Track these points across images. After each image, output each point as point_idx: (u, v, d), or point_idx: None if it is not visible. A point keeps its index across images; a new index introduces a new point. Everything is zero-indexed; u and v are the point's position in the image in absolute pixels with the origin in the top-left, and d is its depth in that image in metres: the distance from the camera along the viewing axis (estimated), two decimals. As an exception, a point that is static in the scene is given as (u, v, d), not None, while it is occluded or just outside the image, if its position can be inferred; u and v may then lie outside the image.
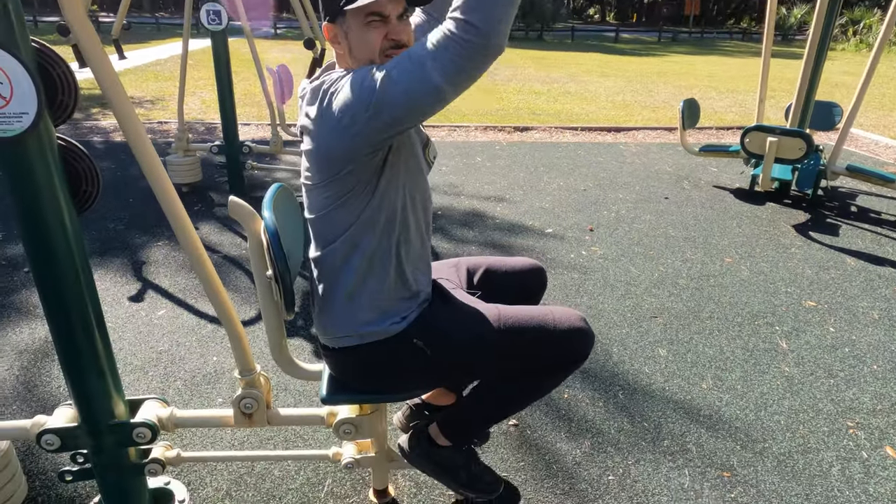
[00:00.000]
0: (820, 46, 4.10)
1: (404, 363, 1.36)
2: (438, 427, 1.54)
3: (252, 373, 1.49)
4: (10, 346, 2.38)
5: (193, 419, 1.58)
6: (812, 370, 2.38)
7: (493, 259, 1.65)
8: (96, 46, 1.17)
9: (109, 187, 4.34)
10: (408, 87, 1.05)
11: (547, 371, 1.40)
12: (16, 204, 1.23)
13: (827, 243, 3.67)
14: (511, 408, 1.49)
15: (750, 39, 28.50)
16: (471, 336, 1.36)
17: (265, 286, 1.36)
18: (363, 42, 1.21)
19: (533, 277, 1.64)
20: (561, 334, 1.36)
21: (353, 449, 1.66)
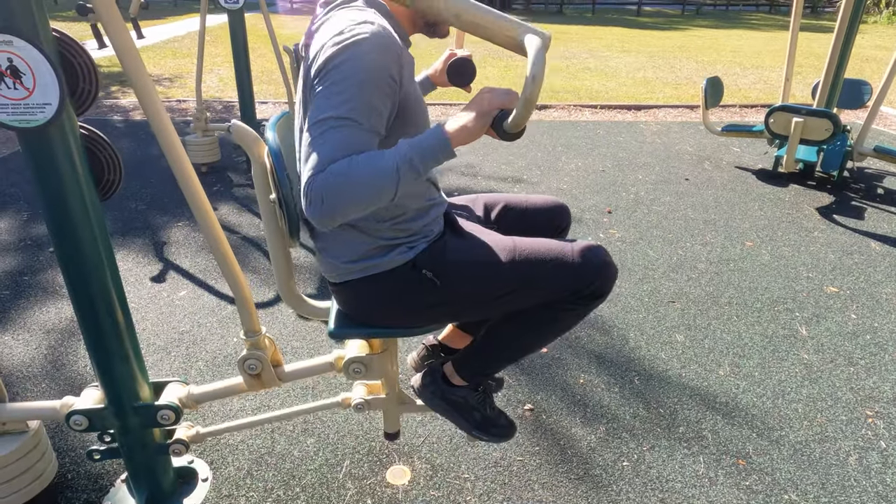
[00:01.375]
0: (851, 23, 3.96)
1: (413, 295, 1.32)
2: (454, 366, 1.49)
3: (257, 335, 1.50)
4: (38, 326, 2.44)
5: (209, 393, 1.61)
6: (832, 357, 2.35)
7: (513, 195, 1.59)
8: (119, 25, 1.16)
9: (130, 167, 4.39)
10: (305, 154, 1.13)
11: (565, 306, 1.32)
12: (40, 192, 1.25)
13: (851, 227, 3.60)
14: (529, 345, 1.43)
15: (777, 12, 27.63)
16: (483, 265, 1.30)
17: (269, 212, 1.35)
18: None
19: (556, 215, 1.57)
20: (581, 267, 1.29)
21: (364, 391, 1.63)
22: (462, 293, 1.33)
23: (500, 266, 1.30)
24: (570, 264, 1.29)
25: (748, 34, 16.92)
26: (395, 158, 1.10)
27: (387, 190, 1.10)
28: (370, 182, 1.09)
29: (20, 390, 2.07)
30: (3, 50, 1.10)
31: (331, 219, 1.11)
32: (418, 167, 1.11)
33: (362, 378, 1.54)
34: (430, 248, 1.32)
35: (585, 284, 1.29)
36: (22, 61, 1.12)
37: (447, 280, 1.30)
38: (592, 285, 1.30)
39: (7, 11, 1.09)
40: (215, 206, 3.74)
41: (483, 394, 1.52)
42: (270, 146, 1.28)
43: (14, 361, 2.22)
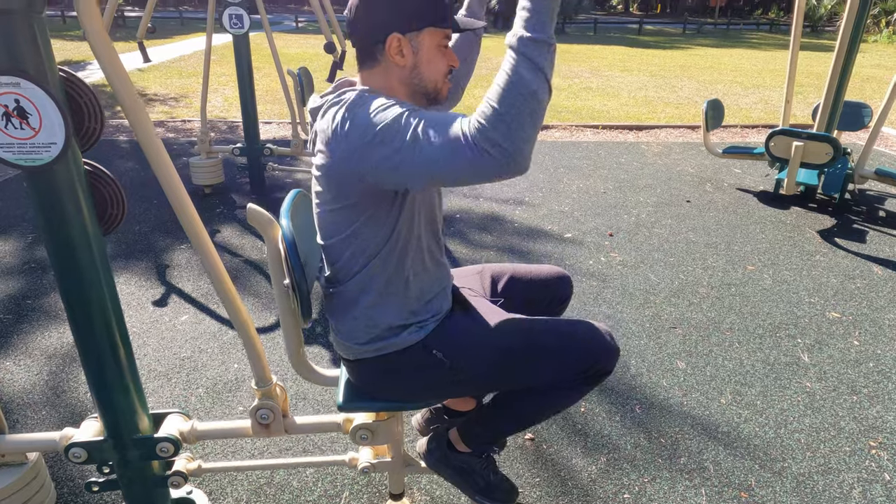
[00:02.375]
0: (851, 44, 3.98)
1: (423, 374, 1.36)
2: (458, 432, 1.55)
3: (269, 384, 1.52)
4: (40, 351, 2.45)
5: (213, 431, 1.62)
6: (835, 386, 2.34)
7: (517, 266, 1.64)
8: (110, 52, 1.17)
9: (134, 189, 4.42)
10: (434, 159, 1.02)
11: (569, 384, 1.38)
12: (44, 227, 1.26)
13: (853, 250, 3.59)
14: (532, 419, 1.47)
15: (778, 31, 27.86)
16: (491, 347, 1.35)
17: (283, 294, 1.38)
18: (434, 62, 1.22)
19: (558, 286, 1.62)
20: (585, 348, 1.34)
21: (370, 453, 1.66)
22: (470, 373, 1.37)
23: (507, 347, 1.34)
24: (575, 346, 1.34)
25: (749, 53, 17.05)
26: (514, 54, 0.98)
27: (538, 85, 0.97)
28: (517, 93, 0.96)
29: (20, 417, 2.07)
30: (9, 91, 1.12)
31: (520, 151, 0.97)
32: (541, 35, 0.97)
33: (369, 444, 1.57)
34: (439, 327, 1.36)
35: (589, 365, 1.35)
36: (28, 102, 1.14)
37: (456, 360, 1.34)
38: (596, 366, 1.35)
39: (15, 53, 1.11)
40: (217, 228, 3.76)
41: (487, 460, 1.57)
42: (284, 233, 1.31)
43: (15, 388, 2.23)
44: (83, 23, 1.13)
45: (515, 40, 0.98)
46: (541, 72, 0.98)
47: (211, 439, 1.79)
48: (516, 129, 0.97)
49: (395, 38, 1.20)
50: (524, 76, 0.97)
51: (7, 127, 1.16)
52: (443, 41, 1.24)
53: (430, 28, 1.21)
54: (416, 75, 1.23)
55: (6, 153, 1.18)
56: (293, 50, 14.75)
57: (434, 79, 1.24)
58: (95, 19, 1.13)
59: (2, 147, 1.17)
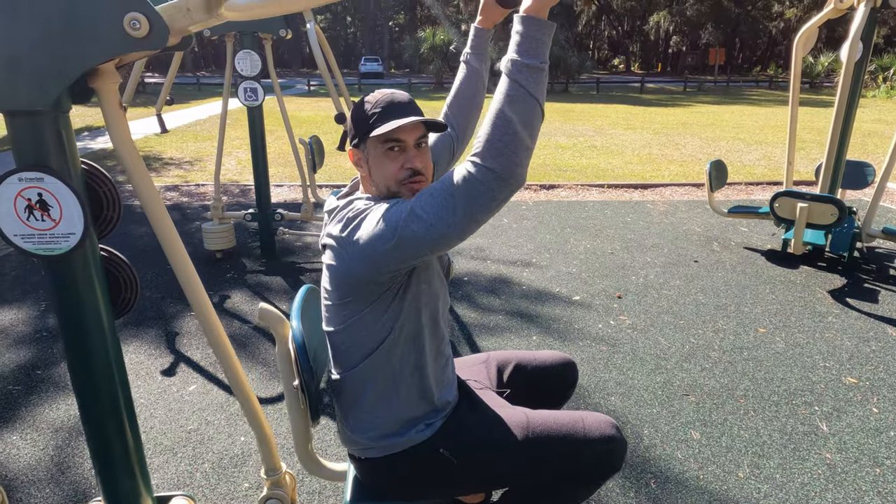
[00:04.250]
0: (850, 102, 4.06)
1: (430, 473, 1.36)
2: None
3: (278, 473, 1.51)
4: (47, 424, 2.44)
5: None
6: (856, 457, 2.27)
7: (522, 354, 1.66)
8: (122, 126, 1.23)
9: (147, 254, 4.49)
10: (431, 224, 1.08)
11: (578, 482, 1.38)
12: (58, 310, 1.29)
13: (866, 311, 3.55)
14: None
15: (777, 87, 28.51)
16: (498, 446, 1.35)
17: (292, 394, 1.39)
18: (382, 168, 1.27)
19: (564, 373, 1.64)
20: (592, 444, 1.35)
21: None
22: (477, 471, 1.37)
23: (514, 446, 1.34)
24: (582, 441, 1.35)
25: (750, 110, 17.41)
26: (506, 80, 1.04)
27: (528, 107, 1.02)
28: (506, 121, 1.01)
29: (23, 496, 2.04)
30: (33, 186, 1.17)
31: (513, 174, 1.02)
32: (533, 61, 1.02)
33: None
34: (446, 424, 1.37)
35: (598, 462, 1.35)
36: (51, 195, 1.19)
37: (463, 459, 1.35)
38: (604, 462, 1.36)
39: (40, 150, 1.16)
40: (227, 293, 3.79)
41: None
42: (294, 334, 1.34)
43: (20, 464, 2.20)
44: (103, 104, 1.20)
45: (509, 64, 1.04)
46: (532, 97, 1.02)
47: None
48: (511, 154, 1.01)
49: (350, 152, 1.34)
50: (517, 104, 1.02)
51: (29, 219, 1.20)
52: (386, 146, 1.26)
53: (369, 138, 1.27)
54: (374, 181, 1.30)
55: (27, 243, 1.21)
56: (305, 113, 15.24)
57: (387, 183, 1.28)
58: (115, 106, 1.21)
59: (23, 238, 1.21)
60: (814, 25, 4.23)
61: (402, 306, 1.27)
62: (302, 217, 4.47)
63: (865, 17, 3.84)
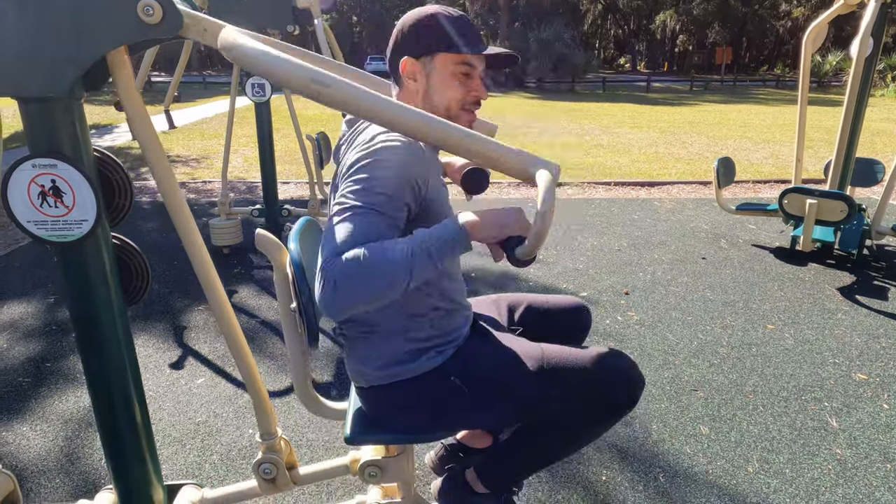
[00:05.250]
0: (859, 100, 4.04)
1: (440, 401, 1.31)
2: (475, 472, 1.47)
3: (273, 437, 1.49)
4: (56, 416, 2.45)
5: (223, 497, 1.58)
6: (867, 453, 2.25)
7: (535, 296, 1.61)
8: (146, 121, 1.24)
9: (156, 249, 4.51)
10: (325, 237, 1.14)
11: (592, 415, 1.32)
12: (70, 297, 1.29)
13: (876, 308, 3.53)
14: (553, 455, 1.41)
15: (784, 87, 28.37)
16: (511, 374, 1.30)
17: (289, 319, 1.37)
18: (447, 88, 1.25)
19: (576, 316, 1.58)
20: (608, 377, 1.30)
21: (379, 494, 1.60)
22: (488, 402, 1.32)
23: (527, 375, 1.30)
24: (597, 374, 1.30)
25: (757, 109, 17.33)
26: (410, 244, 1.10)
27: (400, 278, 1.08)
28: (383, 269, 1.06)
29: (34, 486, 2.06)
30: (47, 172, 1.18)
31: (341, 307, 1.07)
32: (434, 255, 1.10)
33: (378, 482, 1.51)
34: (457, 353, 1.33)
35: (613, 395, 1.30)
36: (64, 182, 1.19)
37: (475, 387, 1.30)
38: (619, 396, 1.31)
39: (53, 137, 1.17)
40: (235, 288, 3.80)
41: (507, 501, 1.49)
42: (293, 256, 1.33)
43: (30, 455, 2.22)
44: (120, 90, 1.20)
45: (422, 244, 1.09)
46: (409, 275, 1.07)
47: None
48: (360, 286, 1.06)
49: (406, 62, 1.27)
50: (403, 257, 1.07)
51: (42, 205, 1.21)
52: (459, 68, 1.25)
53: (443, 53, 1.25)
54: (428, 100, 1.27)
55: (40, 230, 1.22)
56: (311, 111, 15.26)
57: (446, 104, 1.26)
58: (132, 90, 1.21)
59: (37, 224, 1.22)
60: (824, 21, 4.21)
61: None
62: (309, 213, 4.48)
63: (876, 12, 3.82)
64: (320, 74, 1.01)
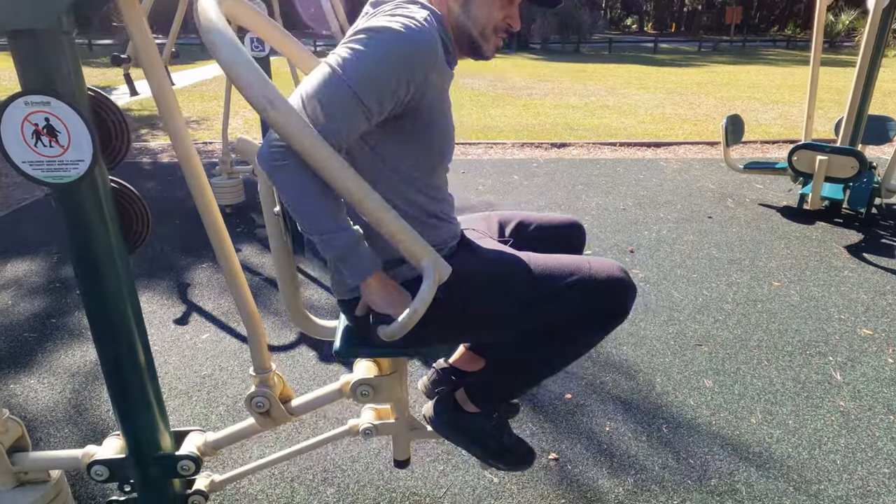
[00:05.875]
0: (873, 58, 3.94)
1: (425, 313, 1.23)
2: (466, 392, 1.43)
3: (266, 371, 1.48)
4: (63, 369, 2.47)
5: (226, 437, 1.58)
6: (870, 405, 2.26)
7: (527, 213, 1.54)
8: (161, 74, 1.21)
9: (157, 209, 4.49)
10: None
11: (582, 325, 1.27)
12: (70, 243, 1.27)
13: (883, 266, 3.50)
14: (544, 368, 1.36)
15: (795, 47, 27.73)
16: (497, 280, 1.26)
17: (274, 226, 1.35)
18: (489, 8, 1.20)
19: (571, 232, 1.52)
20: (598, 284, 1.23)
21: (372, 415, 1.59)
22: (474, 310, 1.27)
23: (514, 282, 1.25)
24: (587, 280, 1.24)
25: (766, 70, 16.98)
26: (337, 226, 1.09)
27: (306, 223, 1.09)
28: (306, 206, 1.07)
29: (43, 435, 2.08)
30: (40, 110, 1.14)
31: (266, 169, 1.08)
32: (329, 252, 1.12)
33: (371, 401, 1.48)
34: None
35: (603, 302, 1.24)
36: (58, 120, 1.16)
37: (460, 296, 1.25)
38: (611, 304, 1.25)
39: (46, 72, 1.13)
40: (238, 246, 3.79)
41: (498, 420, 1.45)
42: None
43: (39, 406, 2.24)
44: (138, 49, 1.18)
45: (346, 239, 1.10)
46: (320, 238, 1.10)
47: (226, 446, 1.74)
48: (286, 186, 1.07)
49: None
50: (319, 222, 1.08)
51: (37, 145, 1.17)
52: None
53: None
54: (466, 10, 1.20)
55: (35, 170, 1.19)
56: (312, 73, 14.99)
57: (482, 22, 1.21)
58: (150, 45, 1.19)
59: (32, 164, 1.19)
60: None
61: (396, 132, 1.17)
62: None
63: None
64: (274, 94, 1.00)
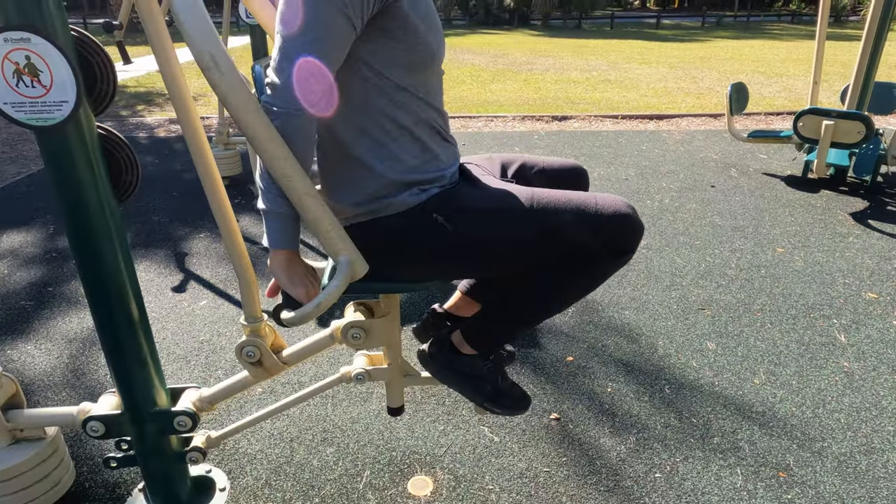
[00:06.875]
0: (880, 25, 3.85)
1: (422, 242, 1.22)
2: (462, 333, 1.38)
3: (257, 321, 1.44)
4: (60, 335, 2.45)
5: (221, 391, 1.55)
6: (874, 365, 2.24)
7: (529, 155, 1.49)
8: (165, 40, 1.17)
9: (154, 181, 4.44)
10: None
11: (586, 262, 1.21)
12: (58, 192, 1.24)
13: (889, 232, 3.46)
14: (544, 309, 1.30)
15: (800, 22, 27.34)
16: (499, 212, 1.20)
17: None
18: None
19: (574, 176, 1.47)
20: (603, 219, 1.18)
21: (364, 361, 1.56)
22: (475, 242, 1.22)
23: (516, 213, 1.20)
24: (592, 214, 1.19)
25: (771, 44, 16.74)
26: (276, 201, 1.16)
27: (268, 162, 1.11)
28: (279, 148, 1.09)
29: (41, 398, 2.07)
30: (21, 48, 1.10)
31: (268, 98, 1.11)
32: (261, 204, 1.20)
33: (363, 345, 1.44)
34: (443, 193, 1.23)
35: (608, 236, 1.19)
36: (39, 59, 1.11)
37: (460, 226, 1.20)
38: (616, 238, 1.19)
39: (25, 8, 1.08)
40: (236, 218, 3.75)
41: (494, 363, 1.41)
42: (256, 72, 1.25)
43: (36, 370, 2.22)
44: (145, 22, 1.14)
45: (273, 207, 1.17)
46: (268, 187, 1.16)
47: (221, 400, 1.71)
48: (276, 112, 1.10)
49: None
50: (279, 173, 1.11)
51: (18, 85, 1.13)
52: None
53: None
54: None
55: (18, 112, 1.15)
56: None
57: None
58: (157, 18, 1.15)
59: (14, 106, 1.15)
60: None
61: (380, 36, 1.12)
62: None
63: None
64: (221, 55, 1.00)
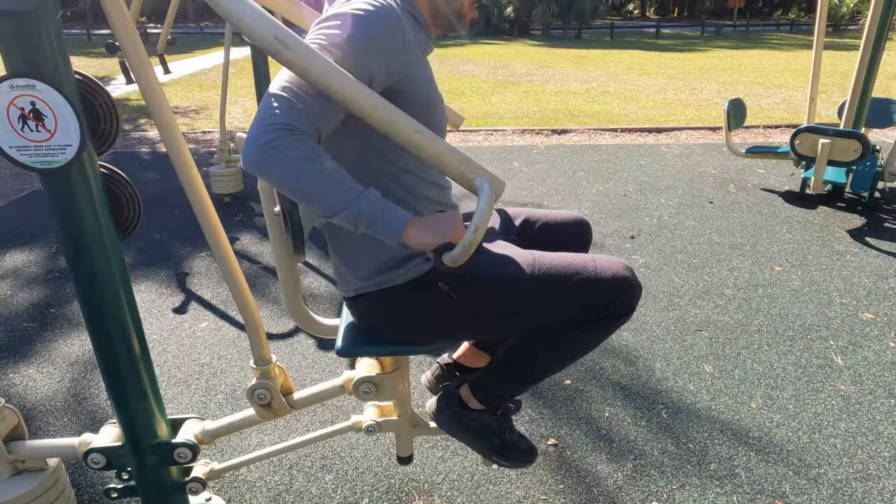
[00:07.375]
0: (877, 40, 3.89)
1: (428, 310, 1.27)
2: (470, 388, 1.42)
3: (267, 363, 1.47)
4: (62, 358, 2.47)
5: (224, 427, 1.58)
6: (871, 389, 2.25)
7: (533, 209, 1.54)
8: (145, 64, 1.19)
9: (155, 198, 4.47)
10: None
11: (587, 324, 1.26)
12: (60, 230, 1.26)
13: (885, 250, 3.48)
14: (549, 366, 1.36)
15: (798, 31, 27.46)
16: (502, 280, 1.25)
17: (275, 225, 1.34)
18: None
19: (577, 230, 1.51)
20: (603, 283, 1.23)
21: (375, 412, 1.58)
22: (479, 309, 1.27)
23: (519, 280, 1.24)
24: (593, 280, 1.23)
25: (769, 54, 16.82)
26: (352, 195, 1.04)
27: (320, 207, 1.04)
28: (309, 188, 1.02)
29: (42, 424, 2.08)
30: (25, 94, 1.12)
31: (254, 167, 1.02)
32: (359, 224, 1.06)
33: (373, 399, 1.47)
34: None
35: (609, 301, 1.24)
36: (44, 104, 1.14)
37: (464, 294, 1.24)
38: (616, 302, 1.24)
39: (30, 55, 1.11)
40: (236, 235, 3.78)
41: (502, 417, 1.45)
42: None
43: (37, 395, 2.24)
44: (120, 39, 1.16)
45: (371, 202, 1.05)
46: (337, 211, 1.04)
47: (224, 435, 1.74)
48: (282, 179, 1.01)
49: None
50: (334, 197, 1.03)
51: (23, 129, 1.16)
52: None
53: None
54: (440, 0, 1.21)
55: (23, 156, 1.18)
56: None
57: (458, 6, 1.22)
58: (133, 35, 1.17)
59: (19, 150, 1.17)
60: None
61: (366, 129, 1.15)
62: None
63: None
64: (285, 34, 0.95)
